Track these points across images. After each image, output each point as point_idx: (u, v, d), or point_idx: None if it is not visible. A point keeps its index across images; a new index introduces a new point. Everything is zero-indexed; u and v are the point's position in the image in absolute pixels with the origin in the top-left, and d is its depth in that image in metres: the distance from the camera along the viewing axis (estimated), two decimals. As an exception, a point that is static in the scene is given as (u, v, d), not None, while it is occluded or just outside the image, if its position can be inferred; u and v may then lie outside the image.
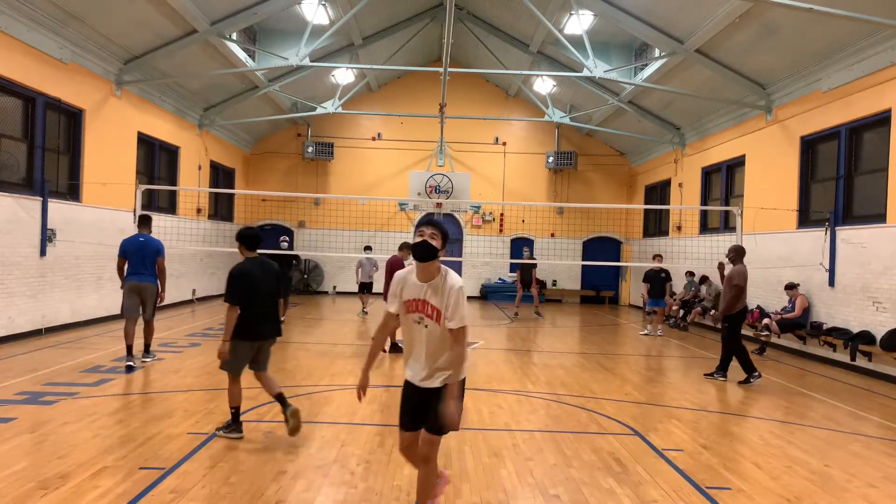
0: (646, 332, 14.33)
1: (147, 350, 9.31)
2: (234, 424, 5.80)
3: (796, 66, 12.03)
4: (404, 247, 10.49)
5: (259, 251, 6.13)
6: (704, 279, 16.11)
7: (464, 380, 3.83)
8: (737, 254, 9.35)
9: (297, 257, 14.78)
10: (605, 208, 21.99)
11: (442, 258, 3.89)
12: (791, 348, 12.23)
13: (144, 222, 9.21)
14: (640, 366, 10.53)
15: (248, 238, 5.95)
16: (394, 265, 9.95)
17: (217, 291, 19.67)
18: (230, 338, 5.58)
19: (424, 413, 3.83)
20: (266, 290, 5.80)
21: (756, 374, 9.03)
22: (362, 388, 4.02)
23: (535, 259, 18.34)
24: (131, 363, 8.67)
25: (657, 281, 14.06)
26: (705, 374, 9.57)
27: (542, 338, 13.69)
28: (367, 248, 16.78)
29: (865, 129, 10.82)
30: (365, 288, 16.37)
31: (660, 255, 14.40)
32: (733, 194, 15.53)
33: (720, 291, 15.26)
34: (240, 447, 5.54)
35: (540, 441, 6.04)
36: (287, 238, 15.27)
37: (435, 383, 3.80)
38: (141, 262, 8.93)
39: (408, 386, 3.94)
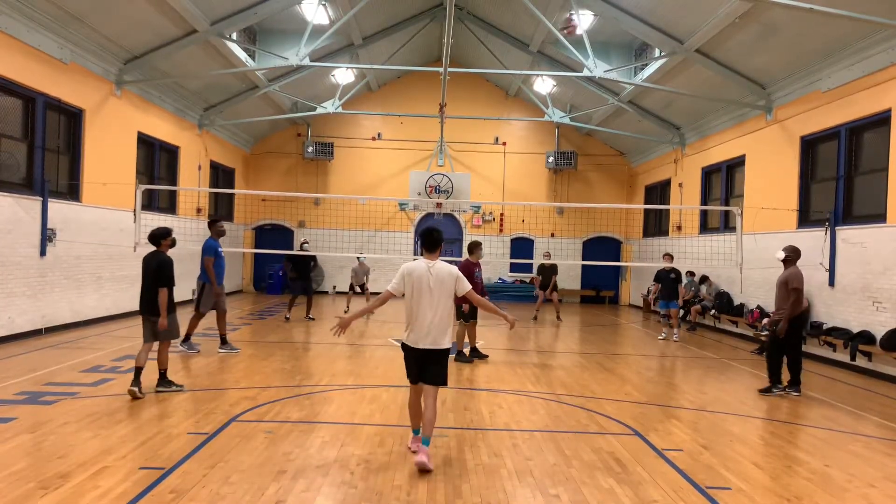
0: (663, 335, 13.65)
1: (223, 341, 10.27)
2: (134, 380, 7.13)
3: (796, 66, 12.03)
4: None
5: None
6: (704, 279, 16.11)
7: None
8: (795, 255, 8.65)
9: (314, 258, 15.22)
10: (605, 208, 21.99)
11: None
12: (791, 348, 12.22)
13: (209, 226, 10.57)
14: (640, 366, 10.53)
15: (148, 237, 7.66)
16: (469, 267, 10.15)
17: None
18: None
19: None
20: (145, 275, 7.34)
21: (781, 386, 8.53)
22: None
23: (554, 262, 17.67)
24: (182, 347, 10.00)
25: (667, 281, 13.46)
26: (777, 394, 8.50)
27: (542, 338, 13.69)
28: (360, 256, 16.99)
29: (865, 129, 10.82)
30: (353, 290, 16.92)
31: (669, 255, 13.71)
32: (733, 194, 15.52)
33: (720, 291, 15.38)
34: (240, 447, 5.54)
35: (540, 441, 6.04)
36: (307, 241, 15.89)
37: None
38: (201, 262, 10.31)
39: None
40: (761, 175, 13.84)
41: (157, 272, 7.25)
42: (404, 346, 5.45)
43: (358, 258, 16.94)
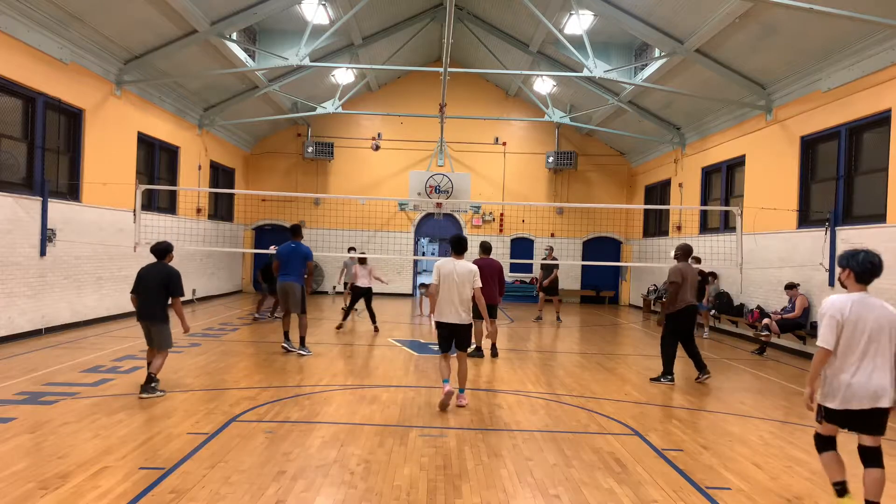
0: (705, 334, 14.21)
1: (302, 343, 10.36)
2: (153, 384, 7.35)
3: (796, 66, 12.03)
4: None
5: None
6: (712, 276, 15.99)
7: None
8: (682, 253, 9.23)
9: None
10: (605, 208, 21.99)
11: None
12: (791, 348, 12.23)
13: (296, 231, 10.53)
14: (640, 366, 10.52)
15: (152, 250, 7.79)
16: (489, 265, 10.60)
17: (217, 291, 19.69)
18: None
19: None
20: (148, 286, 7.47)
21: (670, 377, 9.03)
22: None
23: (556, 259, 17.42)
24: (287, 347, 10.30)
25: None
26: (651, 379, 9.19)
27: (542, 338, 13.69)
28: (352, 249, 16.63)
29: (865, 129, 10.82)
30: (348, 287, 16.40)
31: (696, 258, 13.87)
32: (733, 194, 15.52)
33: (721, 291, 15.33)
34: (240, 447, 5.54)
35: (540, 441, 6.04)
36: (276, 245, 15.17)
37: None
38: (288, 265, 10.24)
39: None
40: (761, 175, 13.84)
41: (167, 283, 7.47)
42: (438, 324, 7.22)
43: (353, 256, 16.64)
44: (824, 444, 4.46)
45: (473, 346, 10.71)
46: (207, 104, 17.80)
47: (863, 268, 4.32)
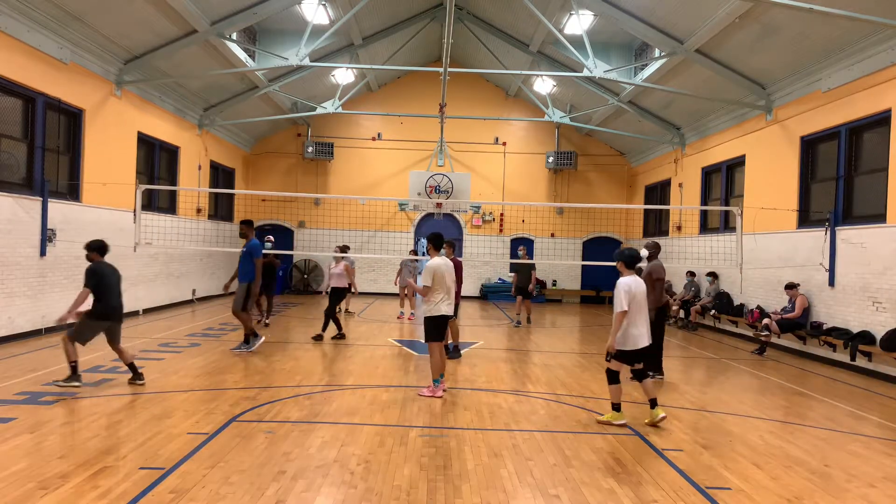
0: None
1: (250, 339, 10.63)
2: (73, 376, 7.41)
3: (796, 66, 12.03)
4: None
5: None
6: (712, 275, 16.01)
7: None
8: (657, 250, 9.38)
9: (277, 257, 14.48)
10: (605, 208, 22.00)
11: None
12: (791, 348, 12.23)
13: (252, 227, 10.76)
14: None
15: (95, 248, 7.64)
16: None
17: (217, 292, 19.67)
18: (79, 314, 7.48)
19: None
20: (117, 286, 7.58)
21: (660, 373, 9.15)
22: None
23: (530, 259, 16.95)
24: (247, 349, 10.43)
25: None
26: (631, 378, 9.24)
27: (542, 338, 13.69)
28: (343, 248, 16.10)
29: (865, 129, 10.82)
30: (327, 291, 15.97)
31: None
32: (733, 194, 15.52)
33: (721, 291, 15.33)
34: (240, 447, 5.54)
35: (540, 441, 6.04)
36: (272, 238, 14.84)
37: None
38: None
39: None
40: (761, 175, 13.84)
41: (119, 279, 7.76)
42: (438, 318, 7.73)
43: (345, 256, 16.26)
44: (615, 377, 6.69)
45: (452, 347, 10.53)
46: (207, 104, 17.80)
47: (633, 259, 6.97)
